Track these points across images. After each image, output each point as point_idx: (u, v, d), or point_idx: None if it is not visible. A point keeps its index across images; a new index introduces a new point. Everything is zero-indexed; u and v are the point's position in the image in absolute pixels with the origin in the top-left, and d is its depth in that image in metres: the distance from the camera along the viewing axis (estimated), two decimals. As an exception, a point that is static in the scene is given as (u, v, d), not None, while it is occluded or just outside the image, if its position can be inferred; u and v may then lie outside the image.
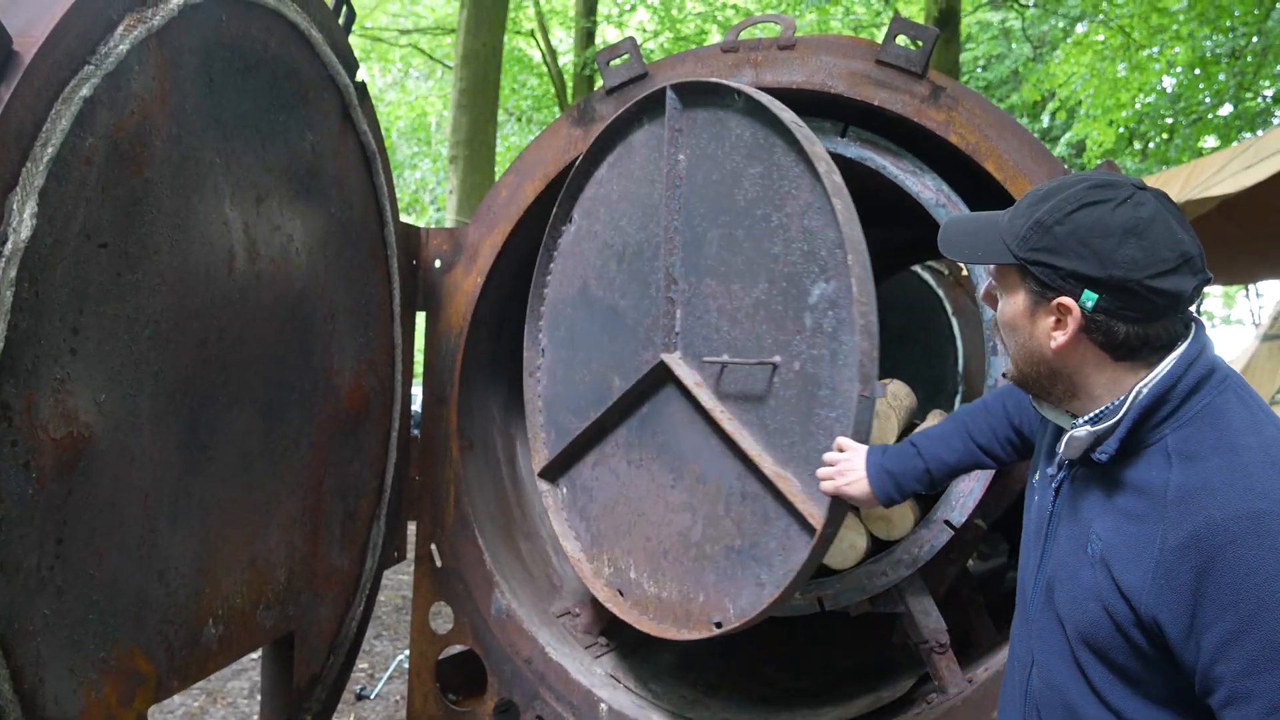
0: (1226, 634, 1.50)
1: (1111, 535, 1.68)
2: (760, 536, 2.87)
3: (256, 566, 2.76)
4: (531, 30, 20.83)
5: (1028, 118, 23.41)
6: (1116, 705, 1.69)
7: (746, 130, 2.93)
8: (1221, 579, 1.51)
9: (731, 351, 2.94)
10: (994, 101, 23.28)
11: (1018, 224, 1.73)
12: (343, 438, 3.18)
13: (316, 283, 2.95)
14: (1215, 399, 1.66)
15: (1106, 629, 1.67)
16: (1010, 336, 1.84)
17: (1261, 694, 1.48)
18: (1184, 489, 1.59)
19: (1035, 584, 1.89)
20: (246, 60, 2.56)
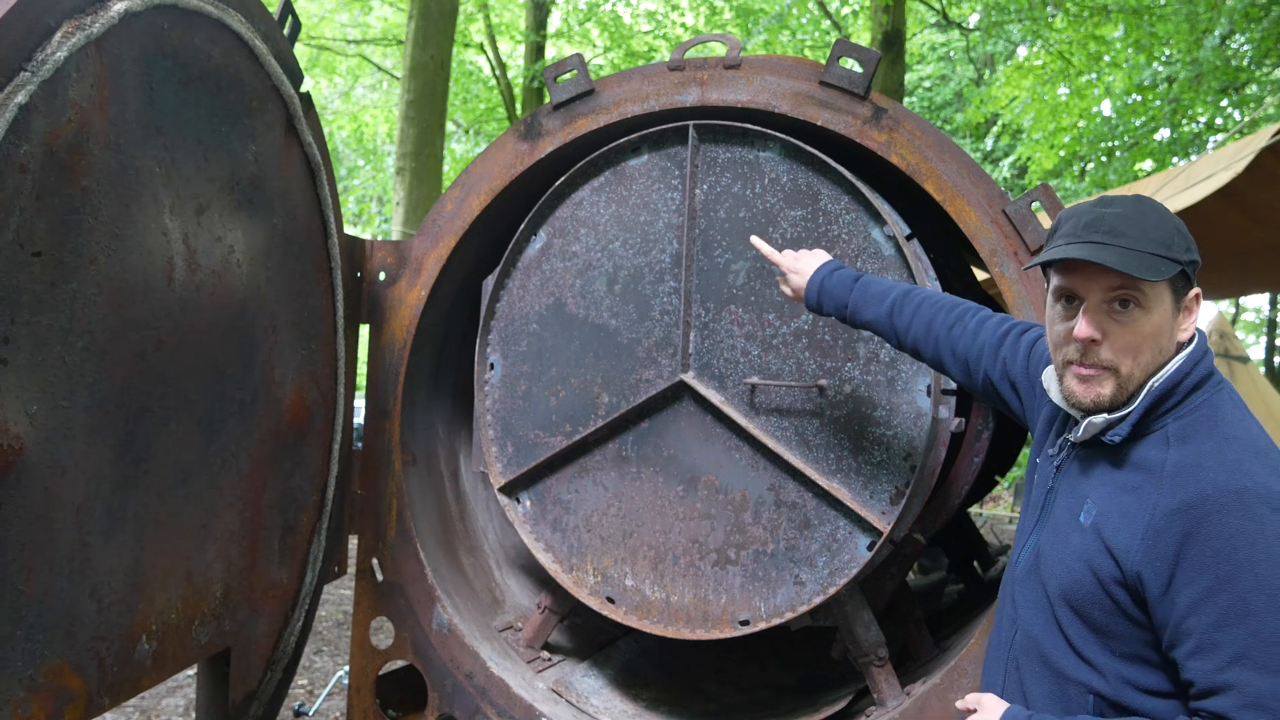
0: (1202, 591, 1.70)
1: (1106, 503, 1.88)
2: (799, 540, 3.22)
3: (193, 581, 2.72)
4: (481, 43, 20.79)
5: (971, 138, 23.82)
6: (1089, 656, 1.88)
7: (785, 175, 3.24)
8: (1204, 543, 1.71)
9: (762, 374, 3.25)
10: (939, 123, 23.74)
11: (1160, 235, 1.83)
12: (283, 451, 3.15)
13: (258, 294, 2.93)
14: (1212, 398, 1.88)
15: (1088, 585, 1.86)
16: (1145, 349, 1.86)
17: (1227, 645, 1.67)
18: (1179, 465, 1.80)
19: (1025, 548, 2.09)
20: (189, 70, 2.54)
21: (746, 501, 3.26)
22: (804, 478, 3.17)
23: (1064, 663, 1.92)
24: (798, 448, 3.20)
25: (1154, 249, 1.80)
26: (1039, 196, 3.04)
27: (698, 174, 3.32)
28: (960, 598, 5.71)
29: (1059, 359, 1.96)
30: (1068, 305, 1.92)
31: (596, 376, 3.44)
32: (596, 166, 3.46)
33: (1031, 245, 3.03)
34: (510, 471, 3.56)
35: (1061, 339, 1.93)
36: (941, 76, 25.21)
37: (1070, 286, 1.89)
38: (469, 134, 24.50)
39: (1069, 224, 1.91)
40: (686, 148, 3.31)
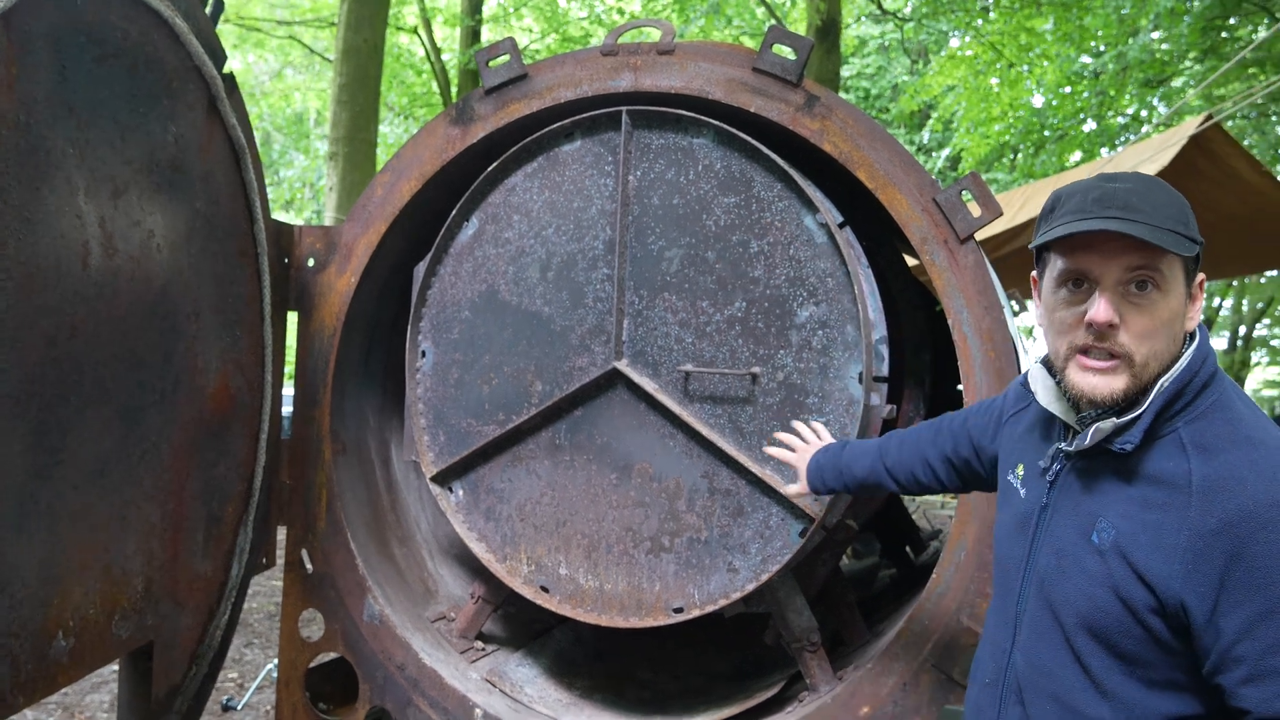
0: (1254, 614, 1.55)
1: (1127, 523, 1.70)
2: (733, 527, 3.21)
3: (112, 575, 2.64)
4: (415, 27, 20.52)
5: (906, 129, 24.10)
6: (1113, 689, 1.71)
7: (719, 162, 3.22)
8: (1252, 563, 1.55)
9: (696, 362, 3.23)
10: (875, 114, 23.97)
11: (1173, 212, 1.68)
12: (207, 440, 3.08)
13: (180, 280, 2.85)
14: (1221, 395, 1.72)
15: (1116, 615, 1.69)
16: (1162, 334, 1.71)
17: None
18: (1210, 479, 1.62)
19: (1024, 574, 1.90)
20: (105, 48, 2.46)
21: (680, 489, 3.26)
22: (737, 465, 3.18)
23: (1080, 698, 1.75)
24: (731, 435, 3.20)
25: (1172, 225, 1.65)
26: (968, 185, 3.07)
27: (631, 160, 3.30)
28: (893, 582, 5.78)
29: (1062, 349, 1.78)
30: (1075, 290, 1.74)
31: (530, 364, 3.42)
32: (530, 152, 3.42)
33: (960, 232, 3.06)
34: (442, 460, 3.52)
35: (1068, 326, 1.75)
36: (879, 69, 25.46)
37: (1081, 268, 1.71)
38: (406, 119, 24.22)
39: (1074, 200, 1.74)
40: (620, 133, 3.28)
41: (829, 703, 3.16)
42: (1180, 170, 7.51)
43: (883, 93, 25.17)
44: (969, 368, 3.04)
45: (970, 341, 3.05)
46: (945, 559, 3.04)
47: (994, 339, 3.02)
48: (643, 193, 3.30)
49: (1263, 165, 8.41)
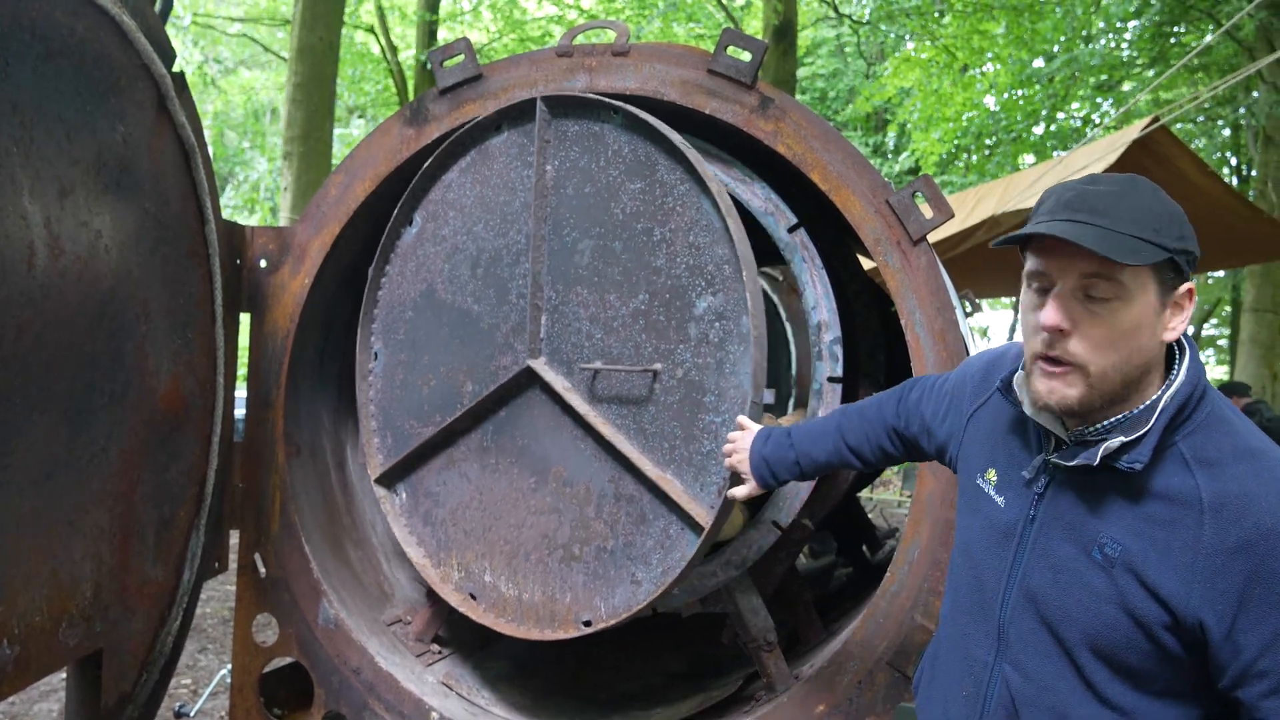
0: (1275, 630, 1.57)
1: (1135, 541, 1.68)
2: (636, 536, 3.04)
3: (59, 581, 2.60)
4: (371, 26, 20.37)
5: (862, 131, 24.30)
6: (1115, 700, 1.72)
7: (625, 146, 3.07)
8: (1272, 580, 1.57)
9: (605, 359, 3.07)
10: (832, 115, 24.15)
11: (1149, 220, 1.64)
12: (158, 443, 3.04)
13: (129, 281, 2.81)
14: (1214, 408, 1.72)
15: (1125, 631, 1.69)
16: (1121, 346, 1.68)
17: None
18: (1220, 495, 1.62)
19: (1007, 587, 1.87)
20: (50, 45, 2.41)
21: (590, 495, 3.13)
22: (637, 470, 3.02)
23: (1082, 711, 1.75)
24: (635, 437, 3.05)
25: (1138, 231, 1.62)
26: (920, 187, 3.11)
27: (548, 149, 3.20)
28: (849, 581, 5.83)
29: (1028, 354, 1.78)
30: (1040, 293, 1.73)
31: (463, 364, 3.32)
32: (463, 146, 3.35)
33: (914, 234, 3.09)
34: (387, 462, 3.48)
35: (1031, 330, 1.75)
36: (834, 71, 25.65)
37: (1043, 270, 1.70)
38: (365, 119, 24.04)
39: (1051, 199, 1.73)
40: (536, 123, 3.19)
41: (785, 702, 3.18)
42: (1127, 170, 7.62)
43: (840, 94, 25.37)
44: (922, 367, 3.07)
45: (923, 341, 3.08)
46: (899, 558, 3.07)
47: (946, 339, 3.06)
48: (560, 183, 3.18)
49: (1208, 166, 8.59)
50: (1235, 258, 11.51)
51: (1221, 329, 28.88)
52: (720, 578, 3.36)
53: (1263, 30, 13.43)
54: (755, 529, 3.35)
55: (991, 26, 16.65)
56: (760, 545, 3.33)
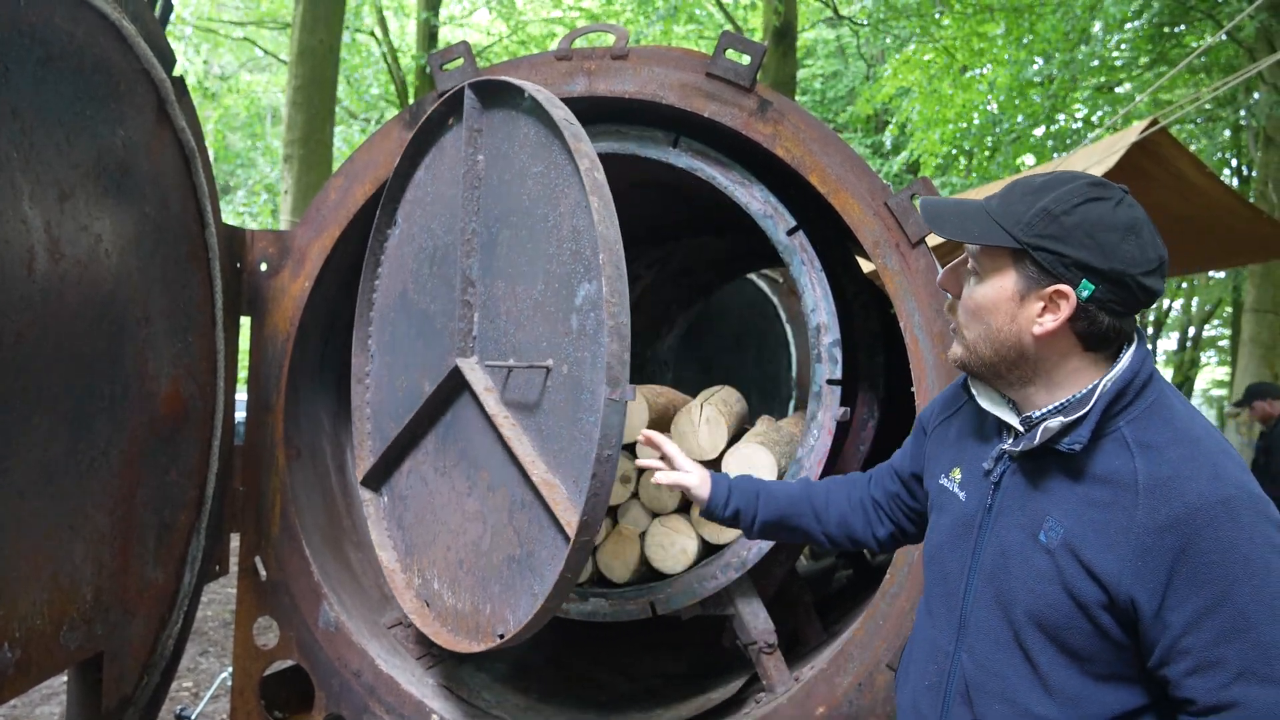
0: (1200, 607, 1.63)
1: (1075, 522, 1.76)
2: (536, 545, 2.80)
3: (60, 584, 2.60)
4: (372, 29, 20.40)
5: (861, 133, 24.29)
6: (1059, 685, 1.78)
7: (532, 129, 2.91)
8: (1198, 558, 1.63)
9: (517, 355, 2.91)
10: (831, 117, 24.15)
11: (1018, 210, 1.78)
12: (158, 447, 3.04)
13: (129, 285, 2.81)
14: (1160, 395, 1.80)
15: (1065, 611, 1.75)
16: (979, 319, 1.85)
17: (1229, 661, 1.61)
18: (1155, 477, 1.69)
19: (969, 576, 1.94)
20: (49, 50, 2.42)
21: (506, 501, 2.93)
22: (528, 475, 2.79)
23: (1029, 697, 1.80)
24: (535, 439, 2.83)
25: (1002, 220, 1.78)
26: (920, 189, 3.11)
27: (479, 139, 3.11)
28: (849, 582, 5.84)
29: None
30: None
31: (423, 364, 3.24)
32: (426, 143, 3.31)
33: (912, 236, 3.10)
34: (368, 465, 3.48)
35: None
36: (834, 73, 25.65)
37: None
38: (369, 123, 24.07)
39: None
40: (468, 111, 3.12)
41: (785, 703, 3.18)
42: (1127, 173, 7.63)
43: (839, 96, 25.37)
44: (921, 370, 3.08)
45: (922, 344, 3.08)
46: (899, 559, 3.08)
47: (945, 342, 3.06)
48: (488, 173, 3.07)
49: (1207, 167, 8.58)
50: (1235, 258, 11.52)
51: (1223, 330, 28.90)
52: (720, 580, 3.36)
53: (1263, 31, 13.44)
54: (755, 531, 3.35)
55: (990, 27, 16.65)
56: (760, 547, 3.33)
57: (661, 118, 3.40)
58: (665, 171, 3.50)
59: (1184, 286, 26.53)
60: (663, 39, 18.78)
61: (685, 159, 3.40)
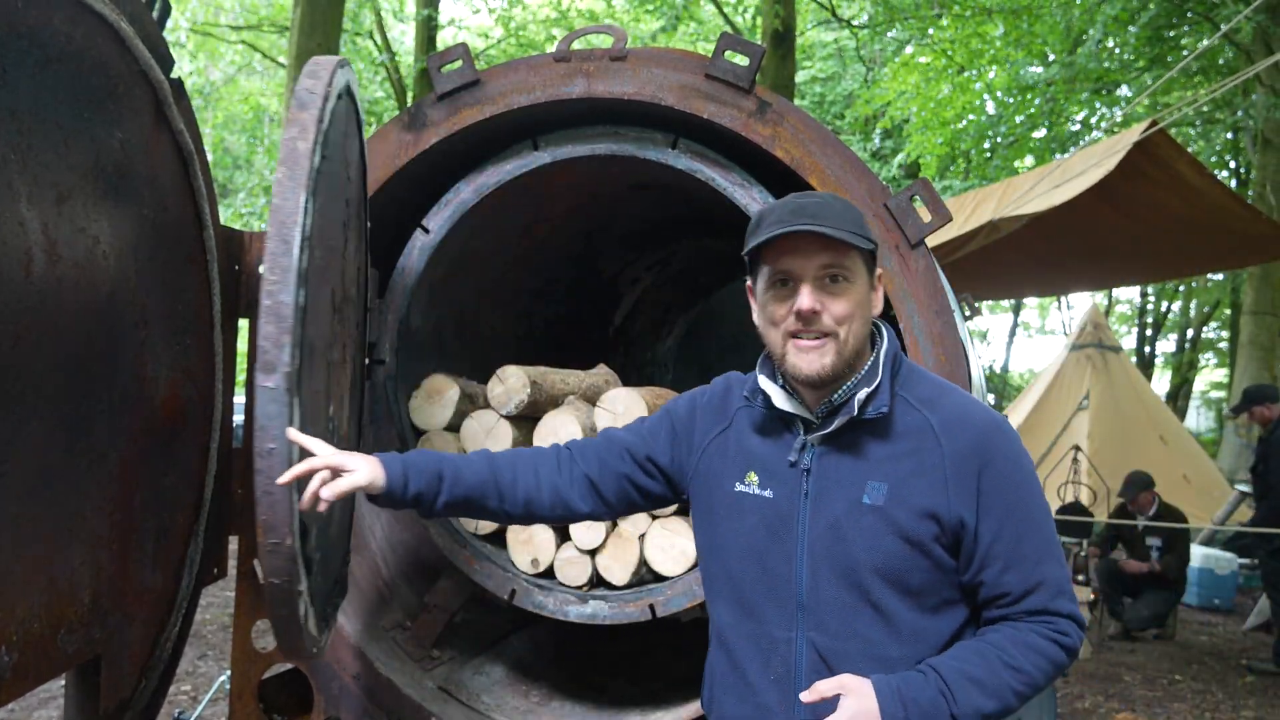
0: (1002, 514, 2.01)
1: (894, 476, 2.05)
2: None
3: (57, 588, 2.59)
4: (371, 33, 20.41)
5: (860, 135, 24.29)
6: (905, 628, 2.04)
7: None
8: (995, 473, 2.02)
9: None
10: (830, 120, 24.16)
11: (849, 217, 2.08)
12: (156, 450, 3.03)
13: (127, 287, 2.81)
14: (907, 362, 2.22)
15: (904, 555, 2.03)
16: (856, 320, 2.08)
17: (1030, 554, 2.02)
18: (945, 421, 2.07)
19: (798, 564, 2.10)
20: (47, 51, 2.42)
21: None
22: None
23: (886, 646, 2.04)
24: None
25: (851, 228, 2.04)
26: (919, 190, 3.11)
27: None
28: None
29: (778, 339, 2.11)
30: (782, 288, 2.09)
31: None
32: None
33: (911, 238, 3.09)
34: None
35: (780, 318, 2.10)
36: (832, 75, 25.65)
37: (785, 268, 2.07)
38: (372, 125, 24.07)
39: (775, 214, 2.08)
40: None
41: (785, 705, 3.17)
42: (1127, 174, 7.65)
43: (837, 99, 25.36)
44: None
45: (922, 345, 3.08)
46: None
47: (944, 342, 3.06)
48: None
49: (1205, 168, 8.60)
50: (1233, 259, 11.53)
51: (1221, 332, 28.91)
52: (719, 582, 3.35)
53: (1260, 33, 13.45)
54: (754, 533, 3.34)
55: (989, 29, 16.67)
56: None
57: (660, 119, 3.39)
58: (664, 173, 3.49)
59: (1182, 290, 26.53)
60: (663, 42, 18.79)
61: (684, 160, 3.40)
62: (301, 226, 2.28)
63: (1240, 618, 9.70)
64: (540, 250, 4.45)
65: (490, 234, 3.92)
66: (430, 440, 3.57)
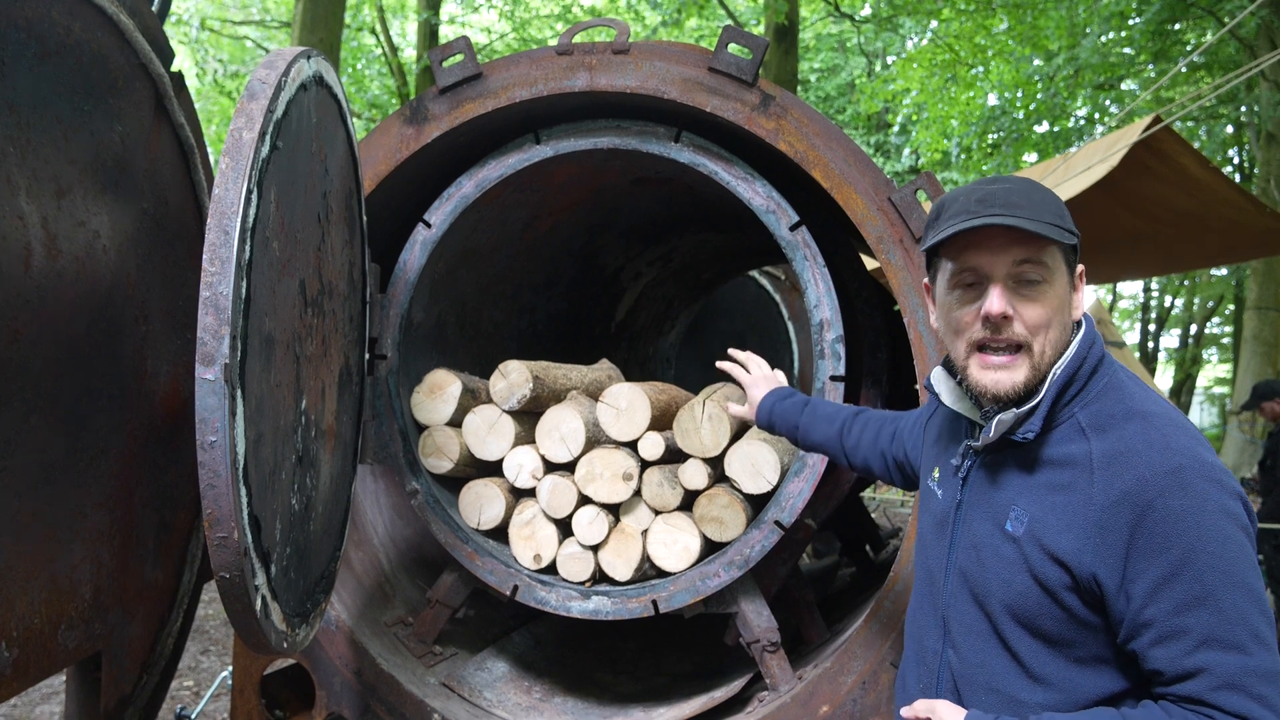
0: (1158, 578, 1.64)
1: (1037, 508, 1.79)
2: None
3: (58, 584, 2.58)
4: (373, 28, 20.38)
5: (863, 130, 24.26)
6: (1040, 672, 1.80)
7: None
8: (1153, 529, 1.65)
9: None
10: (832, 114, 24.13)
11: (1049, 206, 1.78)
12: (157, 446, 3.02)
13: (127, 282, 2.79)
14: (1112, 377, 1.83)
15: (1035, 597, 1.78)
16: (1055, 325, 1.81)
17: (1192, 629, 1.62)
18: (1107, 454, 1.72)
19: (947, 573, 1.97)
20: (46, 45, 2.40)
21: None
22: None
23: (1015, 685, 1.83)
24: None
25: (1049, 218, 1.76)
26: (923, 185, 3.09)
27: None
28: (852, 581, 5.81)
29: (962, 349, 1.86)
30: (968, 289, 1.83)
31: None
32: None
33: (916, 232, 3.07)
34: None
35: (965, 324, 1.84)
36: (833, 67, 25.60)
37: (971, 265, 1.81)
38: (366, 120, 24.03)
39: (959, 203, 1.81)
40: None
41: (789, 702, 3.16)
42: (1131, 170, 7.61)
43: (842, 92, 25.31)
44: (924, 366, 3.06)
45: (926, 340, 3.06)
46: (903, 557, 3.06)
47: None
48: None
49: (1210, 161, 8.56)
50: (1237, 253, 11.49)
51: (1225, 327, 28.86)
52: (723, 578, 3.34)
53: (1264, 28, 13.41)
54: (758, 528, 3.33)
55: (994, 23, 16.62)
56: (763, 545, 3.31)
57: (663, 113, 3.38)
58: (667, 167, 3.48)
59: (1186, 284, 26.49)
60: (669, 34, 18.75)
61: (688, 154, 3.38)
62: (242, 217, 2.21)
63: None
64: (542, 244, 4.43)
65: (492, 228, 3.90)
66: (432, 435, 3.56)
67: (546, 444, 3.51)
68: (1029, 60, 16.93)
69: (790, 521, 3.31)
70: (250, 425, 2.27)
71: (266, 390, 2.40)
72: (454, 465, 3.54)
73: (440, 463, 3.55)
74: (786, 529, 3.33)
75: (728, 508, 3.38)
